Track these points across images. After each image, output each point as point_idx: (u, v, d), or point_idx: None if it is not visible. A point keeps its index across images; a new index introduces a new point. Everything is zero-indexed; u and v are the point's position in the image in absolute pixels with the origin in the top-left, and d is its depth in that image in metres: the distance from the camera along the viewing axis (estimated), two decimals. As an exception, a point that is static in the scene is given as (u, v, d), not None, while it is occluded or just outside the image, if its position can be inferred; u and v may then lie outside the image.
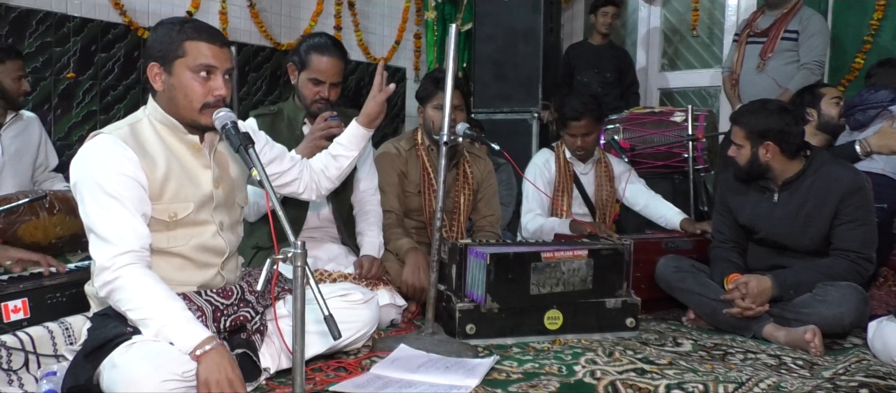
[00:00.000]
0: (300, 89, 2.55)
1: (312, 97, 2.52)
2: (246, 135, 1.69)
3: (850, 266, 2.46)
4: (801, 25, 3.71)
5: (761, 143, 2.52)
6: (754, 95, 3.79)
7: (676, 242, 3.04)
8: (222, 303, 1.82)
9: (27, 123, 3.18)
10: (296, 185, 2.18)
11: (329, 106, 2.55)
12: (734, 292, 2.50)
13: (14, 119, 3.09)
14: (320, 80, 2.50)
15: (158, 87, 1.77)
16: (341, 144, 2.27)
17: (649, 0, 5.29)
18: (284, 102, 2.69)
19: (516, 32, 4.43)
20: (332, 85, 2.52)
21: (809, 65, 3.67)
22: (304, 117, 2.61)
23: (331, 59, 2.49)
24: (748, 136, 2.55)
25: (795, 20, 3.73)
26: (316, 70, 2.49)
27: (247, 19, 4.62)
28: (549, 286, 2.42)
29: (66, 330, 1.88)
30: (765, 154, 2.53)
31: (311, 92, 2.52)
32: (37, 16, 3.67)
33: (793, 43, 3.72)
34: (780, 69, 3.73)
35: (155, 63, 1.76)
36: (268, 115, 2.61)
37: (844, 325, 2.38)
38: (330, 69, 2.50)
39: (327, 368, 2.01)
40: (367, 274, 2.49)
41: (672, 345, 2.42)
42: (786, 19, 3.74)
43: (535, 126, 4.36)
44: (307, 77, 2.51)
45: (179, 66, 1.73)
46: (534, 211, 3.25)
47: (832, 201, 2.49)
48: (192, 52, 1.73)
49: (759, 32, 3.83)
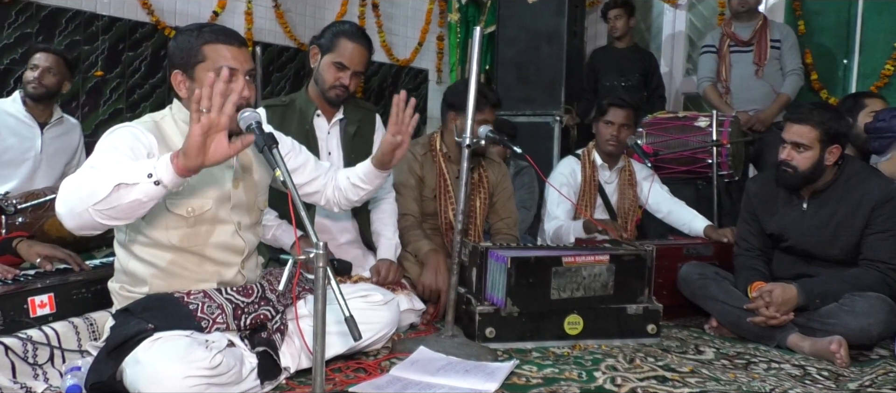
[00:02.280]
0: (321, 72, 2.49)
1: (333, 82, 2.47)
2: (270, 135, 1.69)
3: (880, 277, 2.41)
4: (781, 35, 4.04)
5: (830, 146, 2.45)
6: (751, 101, 4.01)
7: (698, 249, 3.00)
8: (242, 301, 1.83)
9: (69, 128, 3.32)
10: (317, 196, 2.20)
11: (346, 95, 2.50)
12: (758, 301, 2.46)
13: (57, 121, 3.23)
14: (344, 66, 2.46)
15: (183, 94, 1.79)
16: (359, 177, 2.18)
17: (674, 4, 5.24)
18: (296, 94, 2.64)
19: (540, 35, 4.42)
20: (354, 73, 2.48)
21: (796, 71, 4.00)
22: (317, 110, 2.56)
23: (357, 46, 2.46)
24: (820, 138, 2.43)
25: (775, 30, 4.05)
26: (341, 54, 2.45)
27: (272, 20, 4.66)
28: (569, 291, 2.41)
29: (90, 325, 1.90)
30: (830, 157, 2.46)
31: (333, 76, 2.47)
32: (67, 14, 3.73)
33: (777, 51, 4.02)
34: (772, 75, 3.99)
35: (178, 71, 1.78)
36: (278, 106, 2.56)
37: (871, 336, 2.33)
38: (356, 56, 2.46)
39: (347, 369, 2.02)
40: (384, 280, 2.48)
41: (694, 353, 2.39)
42: (765, 29, 4.04)
43: (557, 129, 4.34)
44: (331, 60, 2.46)
45: (201, 71, 1.74)
46: (558, 218, 3.23)
47: (864, 211, 2.44)
48: (211, 56, 1.75)
49: (743, 42, 4.06)
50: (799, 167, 2.48)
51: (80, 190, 1.48)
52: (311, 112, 2.55)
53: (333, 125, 2.61)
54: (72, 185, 1.51)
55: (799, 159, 2.47)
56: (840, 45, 4.34)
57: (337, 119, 2.62)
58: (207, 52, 1.75)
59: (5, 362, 1.66)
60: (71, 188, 1.50)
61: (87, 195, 1.46)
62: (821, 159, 2.46)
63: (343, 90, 2.48)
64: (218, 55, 1.75)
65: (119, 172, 1.47)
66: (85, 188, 1.47)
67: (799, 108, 2.59)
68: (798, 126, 2.47)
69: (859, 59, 4.26)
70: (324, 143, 2.58)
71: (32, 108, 3.14)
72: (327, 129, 2.60)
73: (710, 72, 4.16)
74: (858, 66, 4.26)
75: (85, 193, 1.47)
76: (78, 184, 1.50)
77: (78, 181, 1.51)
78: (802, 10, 4.47)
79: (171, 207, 1.75)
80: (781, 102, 3.95)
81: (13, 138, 3.08)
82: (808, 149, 2.46)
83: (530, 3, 4.45)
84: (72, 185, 1.51)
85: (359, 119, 2.66)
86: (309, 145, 2.51)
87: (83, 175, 1.52)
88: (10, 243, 2.14)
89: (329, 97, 2.51)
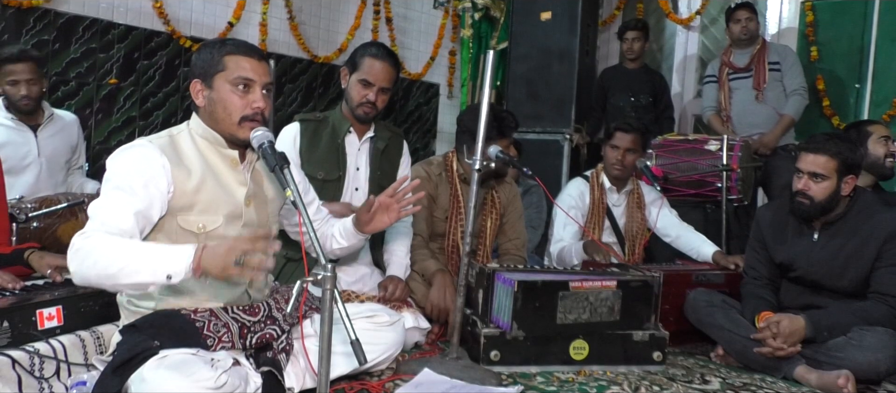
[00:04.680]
0: (349, 91, 2.61)
1: (360, 100, 2.57)
2: (282, 155, 1.71)
3: (889, 311, 2.39)
4: (780, 56, 4.03)
5: (846, 176, 2.44)
6: (753, 125, 4.01)
7: (707, 275, 2.98)
8: (249, 320, 1.83)
9: (65, 124, 3.22)
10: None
11: (375, 112, 2.59)
12: (766, 331, 2.45)
13: (49, 119, 3.13)
14: (369, 83, 2.55)
15: (200, 103, 1.81)
16: (339, 232, 2.17)
17: (686, 25, 5.24)
18: (331, 111, 2.74)
19: (551, 53, 4.42)
20: (380, 90, 2.57)
21: (799, 90, 3.98)
22: (349, 128, 2.65)
23: (383, 64, 2.56)
24: (838, 169, 2.43)
25: (773, 53, 4.05)
26: (367, 72, 2.55)
27: (286, 31, 4.68)
28: (575, 315, 2.40)
29: (97, 339, 1.91)
30: (846, 188, 2.45)
31: (360, 94, 2.57)
32: (84, 22, 3.77)
33: (778, 73, 4.02)
34: (775, 98, 4.00)
35: (197, 80, 1.81)
36: (312, 121, 2.66)
37: (879, 372, 2.31)
38: (381, 73, 2.56)
39: (351, 390, 2.02)
40: (391, 296, 2.50)
41: (700, 382, 2.38)
42: (763, 53, 4.04)
43: (567, 148, 4.34)
44: (357, 78, 2.57)
45: (219, 80, 1.78)
46: (563, 240, 3.23)
47: (875, 243, 2.42)
48: (231, 66, 1.78)
49: (741, 68, 4.07)
50: (816, 198, 2.46)
51: (96, 266, 1.53)
52: (344, 128, 2.65)
53: (364, 142, 2.71)
54: (87, 251, 1.54)
55: (816, 190, 2.46)
56: (852, 72, 4.34)
57: (368, 136, 2.71)
58: (228, 62, 1.78)
59: (12, 376, 1.67)
60: (85, 255, 1.54)
61: (99, 273, 1.53)
62: (838, 190, 2.45)
63: (370, 107, 2.58)
64: (237, 66, 1.78)
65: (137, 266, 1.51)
66: (99, 265, 1.52)
67: (814, 137, 2.56)
68: (815, 156, 2.45)
69: (872, 86, 4.25)
70: (353, 158, 2.68)
71: (20, 115, 3.01)
72: (358, 145, 2.69)
73: (712, 101, 4.21)
74: (871, 93, 4.25)
75: (99, 270, 1.53)
76: (93, 254, 1.53)
77: (93, 251, 1.54)
78: (815, 37, 4.47)
79: (182, 222, 1.76)
80: (784, 124, 3.95)
81: (7, 148, 2.92)
82: (826, 179, 2.44)
83: (543, 20, 4.46)
84: (86, 252, 1.54)
85: (388, 138, 2.76)
86: (338, 159, 2.60)
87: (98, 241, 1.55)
88: (22, 254, 2.15)
89: (358, 114, 2.61)
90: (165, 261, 1.51)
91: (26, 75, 2.94)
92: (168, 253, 1.53)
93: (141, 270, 1.51)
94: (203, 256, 1.51)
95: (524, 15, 4.52)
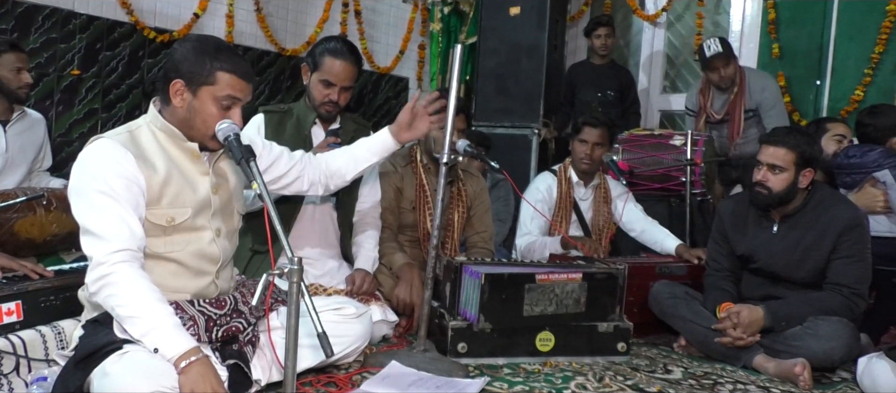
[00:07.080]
0: (311, 90, 2.58)
1: (322, 99, 2.55)
2: (248, 147, 1.70)
3: (843, 302, 2.47)
4: (758, 100, 3.87)
5: (804, 169, 2.51)
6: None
7: (670, 268, 3.04)
8: (215, 313, 1.82)
9: (33, 123, 3.17)
10: (299, 183, 2.19)
11: (338, 109, 2.58)
12: (726, 321, 2.51)
13: (20, 116, 3.08)
14: (331, 83, 2.53)
15: (177, 104, 1.77)
16: (368, 149, 2.27)
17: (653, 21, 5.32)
18: (295, 102, 2.71)
19: (520, 48, 4.44)
20: (342, 89, 2.55)
21: None
22: (314, 119, 2.63)
23: (343, 63, 2.52)
24: (796, 161, 2.50)
25: (748, 99, 3.88)
26: (327, 72, 2.52)
27: (253, 23, 4.63)
28: (542, 307, 2.43)
29: (58, 334, 1.88)
30: (804, 180, 2.52)
31: (321, 94, 2.54)
32: (43, 11, 3.68)
33: (755, 120, 3.89)
34: (755, 135, 3.83)
35: (180, 80, 1.76)
36: (276, 112, 2.63)
37: (834, 360, 2.39)
38: (342, 73, 2.52)
39: (318, 383, 2.02)
40: (359, 290, 2.50)
41: (662, 372, 2.43)
42: (739, 101, 3.89)
43: (535, 142, 4.37)
44: (318, 78, 2.54)
45: (205, 92, 1.75)
46: (530, 233, 3.26)
47: (831, 236, 2.50)
48: (222, 83, 1.75)
49: (718, 120, 3.99)
50: (774, 189, 2.53)
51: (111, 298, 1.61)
52: (309, 120, 2.63)
53: (330, 134, 2.68)
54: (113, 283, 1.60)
55: (774, 181, 2.53)
56: (812, 69, 4.44)
57: (333, 129, 2.69)
58: (220, 78, 1.75)
59: (-31, 371, 1.64)
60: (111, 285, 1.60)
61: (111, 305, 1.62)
62: (795, 182, 2.52)
63: (333, 106, 2.56)
64: (228, 86, 1.76)
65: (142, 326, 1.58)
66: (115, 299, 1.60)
67: (775, 131, 2.65)
68: (774, 148, 2.53)
69: (830, 82, 4.35)
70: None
71: None
72: (323, 136, 2.66)
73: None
74: (830, 90, 4.35)
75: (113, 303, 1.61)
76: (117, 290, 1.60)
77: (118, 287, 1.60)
78: (777, 34, 4.56)
79: (150, 216, 1.74)
80: None
81: None
82: (784, 171, 2.51)
83: (512, 15, 4.48)
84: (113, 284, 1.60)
85: (353, 130, 2.73)
86: (305, 150, 2.55)
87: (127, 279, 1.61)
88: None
89: (320, 113, 2.59)
90: (163, 339, 1.58)
91: (25, 64, 2.94)
92: (171, 335, 1.59)
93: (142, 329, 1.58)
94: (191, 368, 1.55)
95: (493, 10, 4.53)
